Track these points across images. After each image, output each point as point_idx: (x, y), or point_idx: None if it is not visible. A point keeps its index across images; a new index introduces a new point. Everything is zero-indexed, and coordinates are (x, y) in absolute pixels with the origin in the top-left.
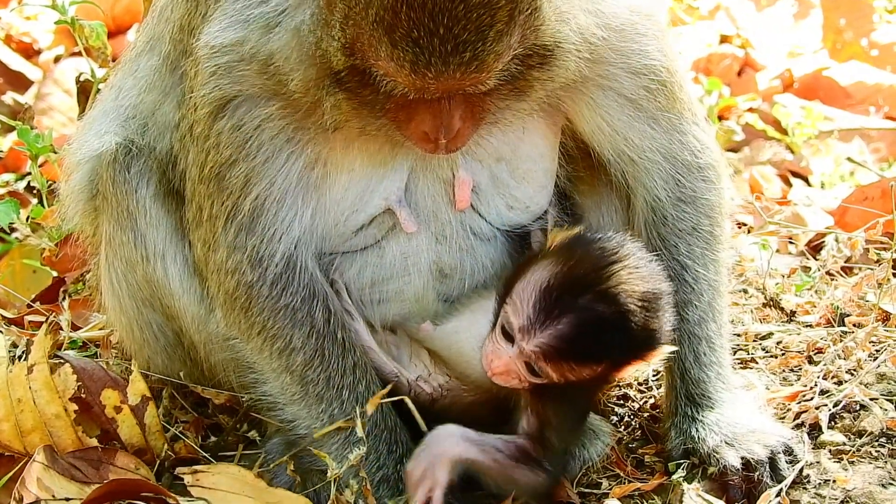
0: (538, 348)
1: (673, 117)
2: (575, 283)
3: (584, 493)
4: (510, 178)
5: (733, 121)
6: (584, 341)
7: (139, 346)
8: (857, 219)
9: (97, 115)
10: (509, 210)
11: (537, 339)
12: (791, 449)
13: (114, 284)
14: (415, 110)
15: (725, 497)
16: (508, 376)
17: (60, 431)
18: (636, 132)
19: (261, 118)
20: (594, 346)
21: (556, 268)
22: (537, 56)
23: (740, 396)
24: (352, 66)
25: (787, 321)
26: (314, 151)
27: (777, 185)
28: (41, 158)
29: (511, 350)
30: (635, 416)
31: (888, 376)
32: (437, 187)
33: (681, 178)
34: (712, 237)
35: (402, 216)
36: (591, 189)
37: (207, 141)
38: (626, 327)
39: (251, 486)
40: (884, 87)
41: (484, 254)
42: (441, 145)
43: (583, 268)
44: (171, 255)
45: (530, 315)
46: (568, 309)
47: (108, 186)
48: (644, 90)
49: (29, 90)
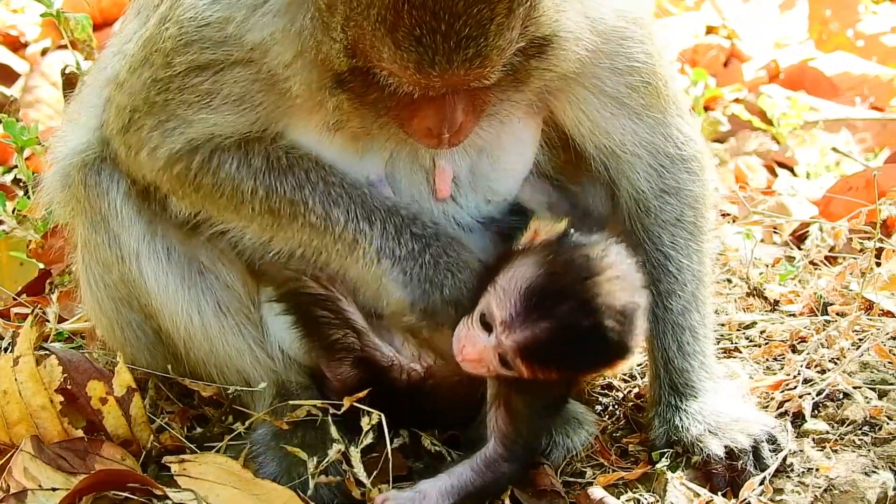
0: (515, 344)
1: (656, 113)
2: (558, 289)
3: (569, 481)
4: (490, 170)
5: (719, 111)
6: (559, 348)
7: (121, 344)
8: (842, 209)
9: (78, 106)
10: (487, 204)
11: (516, 336)
12: (774, 438)
13: (92, 286)
14: (418, 107)
15: (709, 486)
16: (479, 364)
17: (46, 423)
18: (618, 128)
19: (239, 79)
20: (569, 353)
21: (541, 269)
22: (536, 46)
23: (724, 385)
24: (354, 68)
25: (771, 310)
26: (275, 115)
27: (762, 176)
28: (27, 151)
29: (488, 340)
30: (619, 406)
31: (871, 365)
32: (418, 175)
33: (664, 170)
34: (696, 228)
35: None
36: (575, 178)
37: (172, 83)
38: (603, 339)
39: (238, 476)
40: (869, 78)
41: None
42: (444, 140)
43: (567, 275)
44: (145, 255)
45: (513, 312)
46: (549, 314)
47: (80, 190)
48: (627, 88)
49: (16, 83)
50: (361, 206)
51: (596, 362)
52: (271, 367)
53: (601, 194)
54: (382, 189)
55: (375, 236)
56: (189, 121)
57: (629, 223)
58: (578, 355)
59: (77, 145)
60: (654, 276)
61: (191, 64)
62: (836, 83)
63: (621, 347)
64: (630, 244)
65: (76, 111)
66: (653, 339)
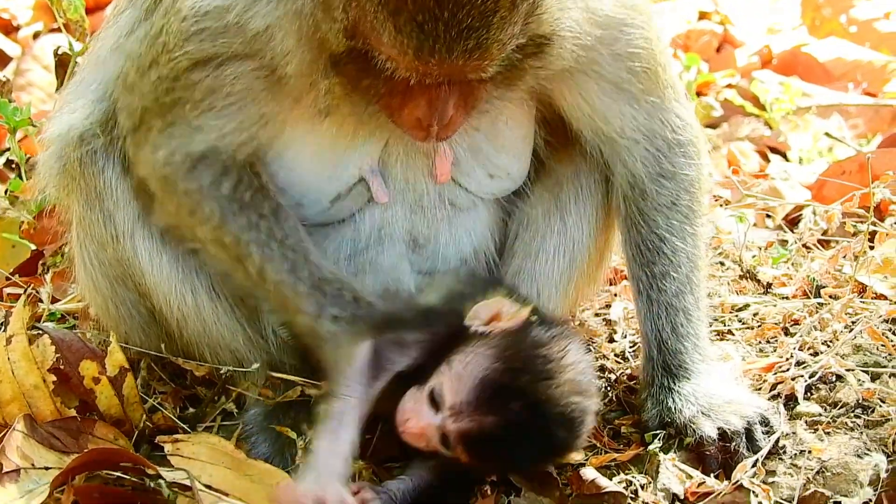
0: (460, 432)
1: (654, 99)
2: (514, 386)
3: (561, 463)
4: (489, 147)
5: (712, 97)
6: (503, 444)
7: (115, 323)
8: (835, 193)
9: (75, 86)
10: (490, 178)
11: (463, 424)
12: (767, 420)
13: (86, 264)
14: (410, 97)
15: (702, 467)
16: (419, 438)
17: (39, 402)
18: (616, 113)
19: (238, 72)
20: (511, 451)
21: (498, 362)
22: (535, 45)
23: (717, 368)
24: (351, 49)
25: (764, 293)
26: (277, 109)
27: (755, 161)
28: (20, 133)
29: (433, 417)
30: (612, 388)
31: (864, 347)
32: (416, 159)
33: (660, 155)
34: (691, 212)
35: (374, 186)
36: (569, 160)
37: (177, 81)
38: (548, 443)
39: (230, 457)
40: (862, 64)
41: (460, 224)
42: (433, 132)
43: (524, 373)
44: (139, 234)
45: (464, 399)
46: (500, 411)
47: (76, 167)
48: (627, 73)
49: (8, 66)
50: (295, 271)
51: (536, 461)
52: (264, 349)
53: (594, 176)
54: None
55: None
56: (194, 127)
57: (624, 206)
58: (520, 454)
59: (72, 125)
60: (648, 258)
61: (192, 58)
62: (828, 69)
63: (564, 450)
64: (625, 227)
65: (71, 93)
66: (646, 321)
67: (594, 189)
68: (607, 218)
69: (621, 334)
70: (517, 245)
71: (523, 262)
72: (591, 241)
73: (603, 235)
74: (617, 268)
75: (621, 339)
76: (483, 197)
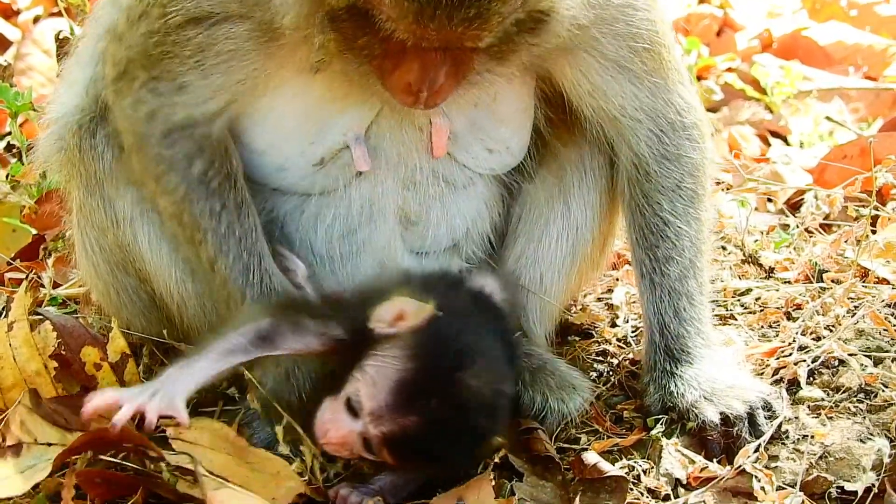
0: (382, 435)
1: (658, 79)
2: (429, 384)
3: (563, 447)
4: (488, 121)
5: (712, 80)
6: (427, 442)
7: (117, 308)
8: (836, 177)
9: (72, 65)
10: (489, 153)
11: (384, 428)
12: (770, 404)
13: (87, 250)
14: (403, 60)
15: (704, 452)
16: (342, 447)
17: (41, 388)
18: (618, 91)
19: (230, 33)
20: (436, 447)
21: (411, 362)
22: (533, 20)
23: (719, 352)
24: (351, 7)
25: (766, 278)
26: (265, 68)
27: (756, 145)
28: (21, 117)
29: (353, 424)
30: (614, 373)
31: (866, 332)
32: (411, 132)
33: (665, 137)
34: (695, 195)
35: (356, 153)
36: (573, 144)
37: (169, 36)
38: (471, 434)
39: (232, 443)
40: (863, 47)
41: (453, 203)
42: (421, 98)
43: (438, 369)
44: (139, 220)
45: (382, 404)
46: (419, 409)
47: (75, 154)
48: (629, 52)
49: (8, 50)
50: (246, 273)
51: (461, 455)
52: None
53: (598, 159)
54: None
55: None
56: (179, 85)
57: (629, 189)
58: (445, 449)
59: (72, 107)
60: (651, 241)
61: (187, 15)
62: (829, 52)
63: (488, 439)
64: (629, 210)
65: (70, 70)
66: (649, 305)
67: (598, 173)
68: (612, 202)
69: (623, 319)
70: (520, 229)
71: (526, 246)
72: (595, 225)
73: (607, 220)
74: (619, 252)
75: (623, 324)
76: (481, 173)
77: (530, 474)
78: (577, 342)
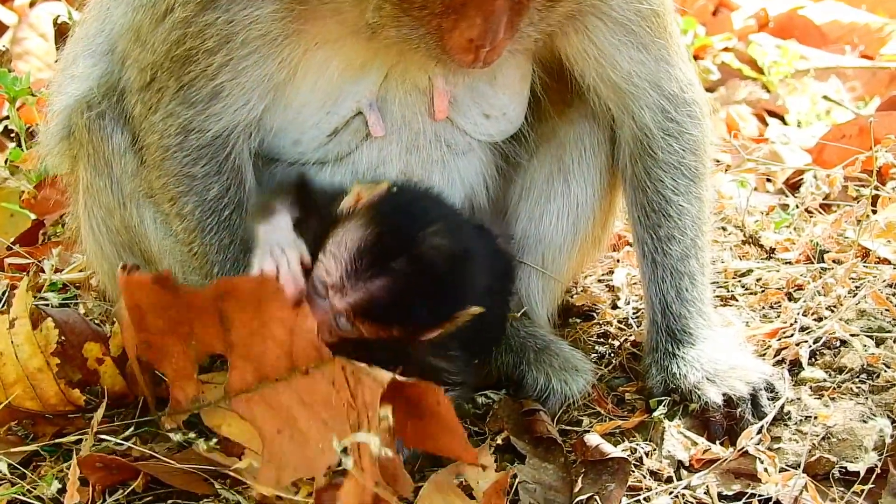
0: (350, 305)
1: (662, 48)
2: (388, 247)
3: (565, 430)
4: (487, 87)
5: (709, 60)
6: (396, 302)
7: None
8: (835, 156)
9: (75, 52)
10: (486, 119)
11: (349, 298)
12: (772, 386)
13: (94, 231)
14: (463, 14)
15: (706, 434)
16: (323, 330)
17: (43, 385)
18: (625, 57)
19: (254, 17)
20: (406, 306)
21: (368, 229)
22: None
23: (721, 333)
24: None
25: (767, 258)
26: (292, 54)
27: (753, 125)
28: (19, 101)
29: (324, 304)
30: (616, 354)
31: (868, 313)
32: (414, 96)
33: (668, 111)
34: (697, 173)
35: (371, 119)
36: (571, 119)
37: (189, 27)
38: (439, 286)
39: None
40: (859, 26)
41: (454, 168)
42: (481, 55)
43: (396, 232)
44: (146, 201)
45: (342, 275)
46: (382, 272)
47: (84, 134)
48: (636, 14)
49: (4, 35)
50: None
51: (432, 314)
52: None
53: (598, 135)
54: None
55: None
56: (212, 91)
57: (630, 166)
58: (416, 307)
59: (78, 92)
60: (654, 220)
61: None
62: (825, 31)
63: (458, 294)
64: (631, 188)
65: (75, 61)
66: (650, 285)
67: (598, 149)
68: (612, 179)
69: (624, 301)
70: (521, 208)
71: (528, 225)
72: (595, 202)
73: (608, 197)
74: (620, 233)
75: (624, 306)
76: (479, 139)
77: (532, 456)
78: (578, 324)
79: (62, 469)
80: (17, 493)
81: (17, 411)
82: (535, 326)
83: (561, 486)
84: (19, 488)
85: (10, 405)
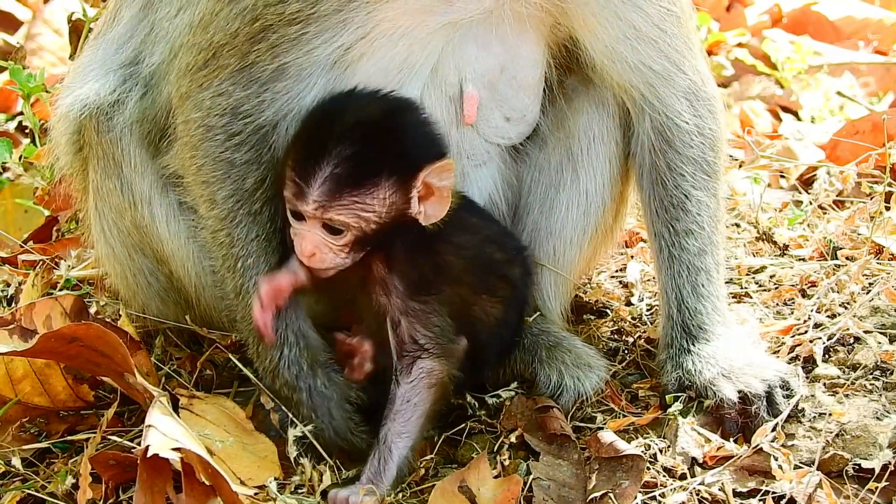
0: (317, 201)
1: (681, 41)
2: (316, 137)
3: (579, 426)
4: (509, 89)
5: (722, 56)
6: (356, 166)
7: (133, 292)
8: (848, 153)
9: (89, 56)
10: (507, 122)
11: (312, 195)
12: (788, 383)
13: (105, 232)
14: None
15: (721, 431)
16: (320, 253)
17: (51, 379)
18: (646, 44)
19: None
20: (375, 165)
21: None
22: None
23: (736, 330)
24: None
25: (780, 255)
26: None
27: (767, 120)
28: (33, 98)
29: (306, 224)
30: (629, 351)
31: (881, 309)
32: (443, 104)
33: (689, 103)
34: (714, 169)
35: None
36: (580, 108)
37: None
38: (392, 134)
39: (235, 422)
40: (872, 22)
41: (473, 181)
42: None
43: (318, 124)
44: (157, 201)
45: (296, 181)
46: (319, 157)
47: (93, 136)
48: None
49: (18, 30)
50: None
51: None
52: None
53: (607, 124)
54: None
55: None
56: (277, 68)
57: (650, 158)
58: (387, 161)
59: (88, 93)
60: (672, 214)
61: None
62: (838, 27)
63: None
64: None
65: (86, 57)
66: (667, 280)
67: (607, 137)
68: (623, 169)
69: (638, 297)
70: (531, 200)
71: (539, 217)
72: (605, 191)
73: (618, 186)
74: (632, 230)
75: (638, 303)
76: (498, 143)
77: (546, 453)
78: (591, 321)
79: (75, 465)
80: (31, 488)
81: (29, 408)
82: (548, 323)
83: (575, 483)
84: (33, 483)
85: (22, 402)
